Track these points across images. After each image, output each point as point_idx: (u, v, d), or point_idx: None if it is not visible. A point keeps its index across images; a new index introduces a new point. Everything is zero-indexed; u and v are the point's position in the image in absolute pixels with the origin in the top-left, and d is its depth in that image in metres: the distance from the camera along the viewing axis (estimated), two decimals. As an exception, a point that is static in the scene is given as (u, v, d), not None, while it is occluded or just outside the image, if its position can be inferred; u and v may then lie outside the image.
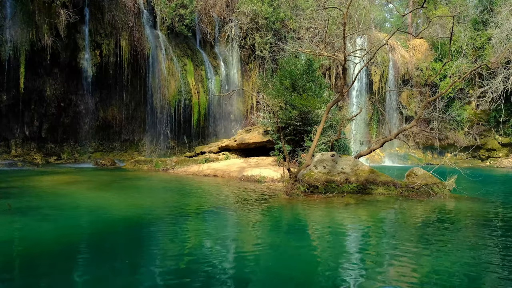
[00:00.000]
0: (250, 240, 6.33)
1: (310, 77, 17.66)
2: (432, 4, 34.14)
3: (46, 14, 20.40)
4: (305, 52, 16.93)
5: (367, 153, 13.77)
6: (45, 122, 22.69)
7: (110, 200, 10.19)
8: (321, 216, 8.54)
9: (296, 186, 10.83)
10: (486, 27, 28.69)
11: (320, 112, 16.87)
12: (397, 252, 5.69)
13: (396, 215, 8.90)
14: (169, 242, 6.07)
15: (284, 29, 27.89)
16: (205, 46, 27.06)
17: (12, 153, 21.64)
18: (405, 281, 4.54)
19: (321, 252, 5.81)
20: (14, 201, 9.07)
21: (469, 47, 28.38)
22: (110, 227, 7.09)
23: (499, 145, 29.09)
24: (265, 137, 18.58)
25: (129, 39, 23.27)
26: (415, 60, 30.64)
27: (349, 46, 26.04)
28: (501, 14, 26.72)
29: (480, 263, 5.25)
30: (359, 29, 25.11)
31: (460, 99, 29.02)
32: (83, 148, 24.06)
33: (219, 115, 26.79)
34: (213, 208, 9.19)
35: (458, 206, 9.97)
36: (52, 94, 22.28)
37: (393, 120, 30.91)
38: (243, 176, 15.29)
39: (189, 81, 25.17)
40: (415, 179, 11.72)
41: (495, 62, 26.68)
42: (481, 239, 6.52)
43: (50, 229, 6.77)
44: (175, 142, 25.32)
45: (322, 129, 11.98)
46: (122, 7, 23.11)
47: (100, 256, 5.48)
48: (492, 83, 25.95)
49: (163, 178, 15.91)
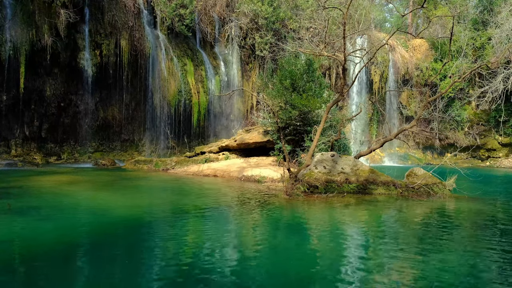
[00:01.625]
0: (250, 240, 6.33)
1: (310, 77, 17.66)
2: (432, 4, 34.15)
3: (46, 14, 20.40)
4: (305, 52, 16.91)
5: (367, 153, 13.77)
6: (45, 122, 22.69)
7: (110, 200, 10.19)
8: (321, 216, 8.55)
9: (296, 186, 10.83)
10: (486, 27, 28.70)
11: (320, 112, 16.87)
12: (397, 252, 5.69)
13: (396, 215, 8.90)
14: (169, 242, 6.07)
15: (284, 29, 27.89)
16: (205, 46, 27.06)
17: (12, 153, 21.63)
18: (405, 281, 4.54)
19: (321, 252, 5.81)
20: (14, 201, 9.07)
21: (469, 47, 28.38)
22: (110, 227, 7.09)
23: (499, 145, 29.08)
24: (265, 137, 18.57)
25: (129, 39, 23.27)
26: (415, 60, 30.64)
27: (349, 46, 26.03)
28: (501, 14, 26.72)
29: (480, 263, 5.25)
30: (359, 29, 25.12)
31: (460, 99, 29.01)
32: (83, 148, 24.05)
33: (219, 115, 26.79)
34: (213, 208, 9.19)
35: (458, 206, 9.97)
36: (52, 94, 22.28)
37: (393, 120, 30.92)
38: (243, 176, 15.29)
39: (189, 81, 25.17)
40: (415, 179, 11.72)
41: (495, 62, 26.68)
42: (481, 239, 6.52)
43: (50, 229, 6.77)
44: (175, 142, 25.32)
45: (322, 129, 11.98)
46: (122, 7, 23.11)
47: (100, 256, 5.48)
48: (492, 83, 25.94)
49: (163, 178, 15.91)
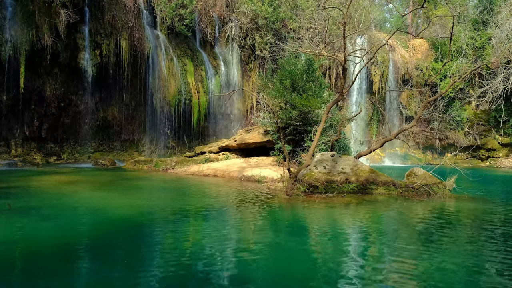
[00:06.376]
0: (250, 240, 6.33)
1: (310, 77, 17.65)
2: (432, 4, 34.16)
3: (46, 14, 20.40)
4: (305, 52, 16.91)
5: (367, 153, 13.77)
6: (45, 122, 22.69)
7: (110, 200, 10.19)
8: (321, 216, 8.55)
9: (296, 186, 10.83)
10: (486, 27, 28.69)
11: (320, 112, 16.86)
12: (397, 252, 5.69)
13: (396, 215, 8.90)
14: (169, 242, 6.07)
15: (284, 29, 27.89)
16: (205, 46, 27.06)
17: (12, 153, 21.63)
18: (405, 281, 4.54)
19: (321, 252, 5.81)
20: (14, 201, 9.06)
21: (469, 47, 28.38)
22: (110, 227, 7.09)
23: (499, 145, 29.08)
24: (265, 137, 18.57)
25: (129, 39, 23.27)
26: (415, 60, 30.65)
27: (349, 46, 26.03)
28: (501, 14, 26.72)
29: (480, 263, 5.25)
30: (359, 29, 25.10)
31: (460, 99, 29.01)
32: (83, 148, 24.05)
33: (219, 115, 26.78)
34: (213, 208, 9.19)
35: (458, 206, 9.97)
36: (52, 94, 22.28)
37: (393, 120, 30.92)
38: (243, 176, 15.29)
39: (189, 81, 25.17)
40: (415, 179, 11.72)
41: (495, 62, 26.69)
42: (481, 239, 6.52)
43: (50, 229, 6.77)
44: (175, 142, 25.32)
45: (322, 129, 11.98)
46: (122, 7, 23.11)
47: (100, 256, 5.48)
48: (492, 83, 25.94)
49: (163, 178, 15.91)
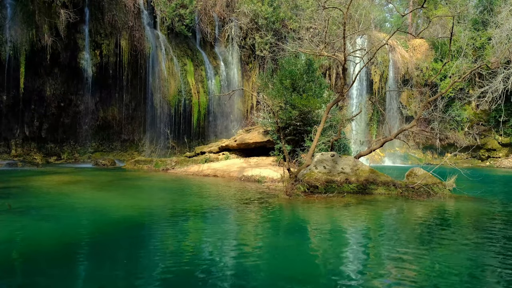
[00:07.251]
0: (250, 240, 6.33)
1: (310, 77, 17.66)
2: (432, 4, 34.15)
3: (46, 14, 20.40)
4: (305, 52, 16.92)
5: (367, 153, 13.76)
6: (45, 122, 22.69)
7: (110, 200, 10.19)
8: (321, 216, 8.54)
9: (296, 186, 10.83)
10: (486, 27, 28.70)
11: (320, 112, 16.86)
12: (397, 252, 5.68)
13: (396, 215, 8.90)
14: (169, 242, 6.07)
15: (284, 29, 27.89)
16: (205, 46, 27.06)
17: (12, 153, 21.64)
18: (405, 281, 4.54)
19: (321, 252, 5.81)
20: (14, 201, 9.06)
21: (469, 47, 28.38)
22: (110, 227, 7.09)
23: (499, 145, 29.08)
24: (265, 137, 18.57)
25: (129, 39, 23.28)
26: (415, 60, 30.65)
27: (349, 46, 26.03)
28: (501, 14, 26.72)
29: (480, 263, 5.25)
30: (359, 29, 25.12)
31: (460, 99, 29.01)
32: (83, 148, 24.06)
33: (219, 115, 26.79)
34: (213, 208, 9.18)
35: (458, 206, 9.97)
36: (52, 94, 22.29)
37: (393, 120, 30.91)
38: (243, 176, 15.29)
39: (189, 81, 25.17)
40: (415, 179, 11.72)
41: (495, 62, 26.69)
42: (481, 239, 6.52)
43: (50, 229, 6.77)
44: (175, 142, 25.32)
45: (322, 129, 11.98)
46: (122, 7, 23.11)
47: (100, 256, 5.48)
48: (492, 83, 25.93)
49: (163, 178, 15.90)
